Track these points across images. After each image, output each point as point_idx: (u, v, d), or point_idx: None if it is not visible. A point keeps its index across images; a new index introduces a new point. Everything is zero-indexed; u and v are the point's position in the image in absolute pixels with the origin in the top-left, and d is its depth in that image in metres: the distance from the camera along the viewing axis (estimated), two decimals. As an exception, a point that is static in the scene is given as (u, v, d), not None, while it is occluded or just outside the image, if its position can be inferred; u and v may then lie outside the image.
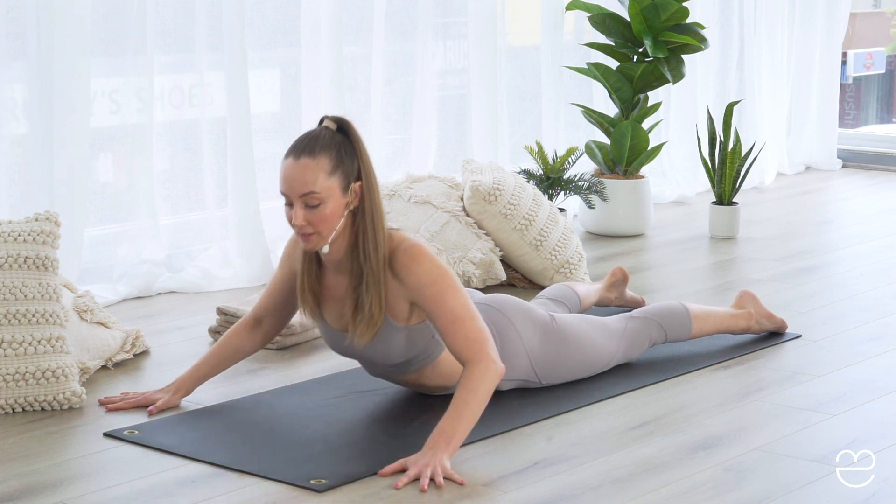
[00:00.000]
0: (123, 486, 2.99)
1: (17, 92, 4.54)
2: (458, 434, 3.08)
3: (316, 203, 3.16)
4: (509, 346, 3.52)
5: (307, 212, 3.17)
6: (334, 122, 3.22)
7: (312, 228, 3.18)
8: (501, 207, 4.80)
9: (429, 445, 3.07)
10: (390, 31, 5.56)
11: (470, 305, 3.23)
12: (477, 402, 3.13)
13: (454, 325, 3.19)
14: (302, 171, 3.15)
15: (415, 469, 3.01)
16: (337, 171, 3.16)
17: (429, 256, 3.23)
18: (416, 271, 3.20)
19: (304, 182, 3.15)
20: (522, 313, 3.58)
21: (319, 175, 3.14)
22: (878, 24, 9.27)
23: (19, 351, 3.47)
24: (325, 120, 3.23)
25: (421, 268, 3.21)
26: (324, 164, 3.15)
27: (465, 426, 3.10)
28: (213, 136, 5.00)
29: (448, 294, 3.20)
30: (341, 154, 3.18)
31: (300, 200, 3.17)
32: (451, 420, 3.09)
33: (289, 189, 3.18)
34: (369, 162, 3.22)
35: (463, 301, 3.21)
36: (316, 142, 3.17)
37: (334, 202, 3.17)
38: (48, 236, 3.60)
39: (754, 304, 4.11)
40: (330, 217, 3.17)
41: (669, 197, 6.62)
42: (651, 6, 5.70)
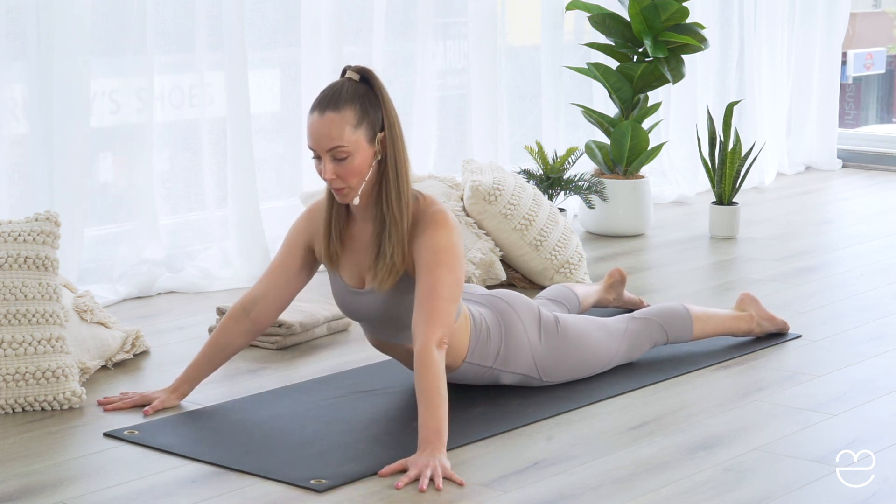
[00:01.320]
0: (123, 486, 2.99)
1: (17, 92, 4.54)
2: (443, 424, 3.09)
3: (344, 156, 3.19)
4: (514, 338, 3.52)
5: (336, 165, 3.20)
6: (357, 73, 3.26)
7: (343, 182, 3.21)
8: (501, 207, 4.80)
9: (423, 446, 3.07)
10: (390, 31, 5.56)
11: (455, 291, 3.23)
12: (440, 386, 3.12)
13: (428, 296, 3.19)
14: (328, 125, 3.18)
15: (415, 469, 3.01)
16: (363, 122, 3.20)
17: (449, 228, 3.25)
18: (429, 233, 3.23)
19: (331, 137, 3.18)
20: (528, 310, 3.59)
21: (345, 128, 3.18)
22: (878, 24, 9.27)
23: (19, 351, 3.47)
24: (347, 71, 3.26)
25: (436, 233, 3.23)
26: (349, 117, 3.18)
27: (442, 413, 3.10)
28: (213, 136, 5.00)
29: (442, 268, 3.21)
30: (365, 105, 3.21)
31: (328, 154, 3.20)
32: (429, 413, 3.09)
33: (316, 144, 3.21)
34: (393, 111, 3.26)
35: (452, 282, 3.22)
36: (340, 95, 3.20)
37: (362, 154, 3.20)
38: (48, 236, 3.60)
39: (755, 307, 4.11)
40: (359, 168, 3.21)
41: (669, 197, 6.62)
42: (651, 6, 5.70)
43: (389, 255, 3.25)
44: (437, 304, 3.19)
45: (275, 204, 5.23)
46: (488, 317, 3.51)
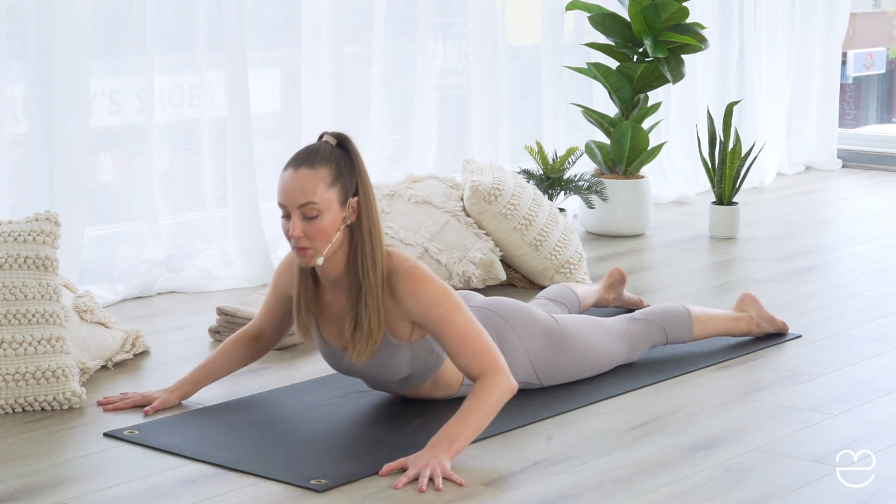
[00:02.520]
0: (123, 486, 2.99)
1: (17, 92, 4.54)
2: (462, 439, 3.08)
3: (314, 214, 3.14)
4: (509, 349, 3.52)
5: (305, 223, 3.15)
6: (334, 137, 3.22)
7: (309, 242, 3.16)
8: (501, 207, 4.80)
9: (430, 445, 3.07)
10: (390, 31, 5.56)
11: (475, 322, 3.22)
12: (485, 411, 3.12)
13: (462, 344, 3.19)
14: (301, 181, 3.14)
15: (414, 469, 3.01)
16: (336, 183, 3.15)
17: (429, 277, 3.22)
18: (419, 294, 3.19)
19: (304, 192, 3.14)
20: (523, 316, 3.58)
21: (319, 185, 3.14)
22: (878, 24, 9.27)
23: (19, 351, 3.47)
24: (324, 135, 3.23)
25: (424, 290, 3.19)
26: (323, 176, 3.14)
27: (469, 432, 3.10)
28: (213, 136, 5.00)
29: (453, 314, 3.19)
30: (341, 167, 3.17)
31: (298, 211, 3.15)
32: (457, 424, 3.10)
33: (287, 199, 3.17)
34: (368, 179, 3.21)
35: (468, 318, 3.21)
36: (316, 154, 3.17)
37: (332, 215, 3.16)
38: (48, 236, 3.60)
39: (755, 307, 4.11)
40: (327, 230, 3.16)
41: (669, 197, 6.62)
42: (651, 6, 5.70)
43: (367, 324, 3.20)
44: (475, 343, 3.19)
45: (275, 204, 5.22)
46: None
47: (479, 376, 3.17)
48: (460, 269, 4.69)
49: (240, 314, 4.11)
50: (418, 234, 4.72)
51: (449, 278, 4.69)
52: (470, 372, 3.19)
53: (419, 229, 4.74)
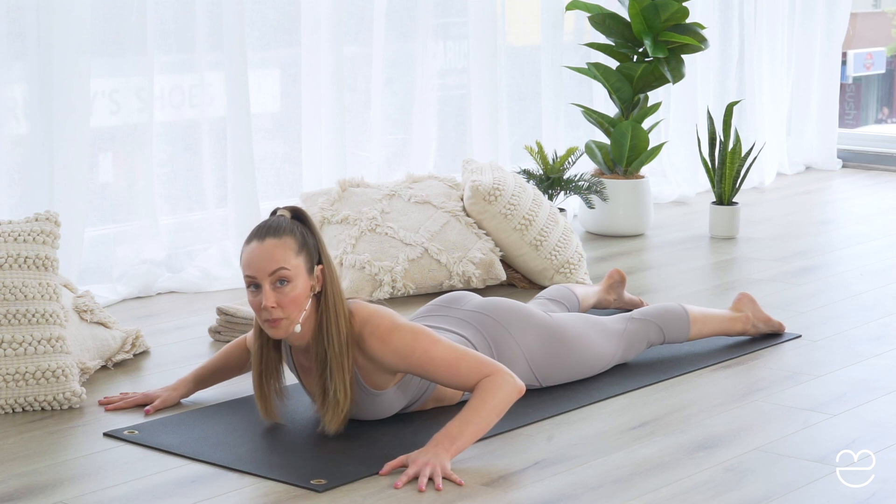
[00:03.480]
0: (123, 486, 2.99)
1: (17, 92, 4.54)
2: (464, 437, 3.08)
3: (286, 279, 3.11)
4: (506, 352, 3.52)
5: (277, 293, 3.11)
6: (288, 211, 3.19)
7: (282, 312, 3.13)
8: (501, 207, 4.80)
9: (431, 444, 3.07)
10: (390, 31, 5.56)
11: (454, 346, 3.20)
12: (488, 410, 3.11)
13: (453, 371, 3.18)
14: (270, 249, 3.10)
15: (414, 468, 3.01)
16: (302, 251, 3.13)
17: (396, 329, 3.18)
18: (391, 350, 3.17)
19: (274, 259, 3.10)
20: (519, 317, 3.58)
21: (288, 252, 3.11)
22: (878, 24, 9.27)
23: (19, 351, 3.47)
24: (278, 210, 3.20)
25: (394, 343, 3.17)
26: (290, 244, 3.12)
27: (472, 431, 3.09)
28: (213, 136, 5.00)
29: (431, 351, 3.17)
30: (304, 237, 3.15)
31: (269, 280, 3.11)
32: (459, 423, 3.09)
33: (257, 270, 3.11)
34: (326, 248, 3.20)
35: (446, 346, 3.19)
36: (278, 226, 3.14)
37: (303, 282, 3.13)
38: (48, 236, 3.60)
39: (752, 308, 4.11)
40: (300, 297, 3.13)
41: (669, 197, 6.62)
42: (651, 6, 5.70)
43: (332, 393, 3.17)
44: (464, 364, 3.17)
45: (275, 204, 5.23)
46: (475, 339, 3.49)
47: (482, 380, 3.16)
48: (460, 269, 4.70)
49: (240, 314, 4.11)
50: (418, 234, 4.72)
51: (449, 278, 4.69)
52: (470, 386, 3.18)
53: (419, 229, 4.74)
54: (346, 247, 4.67)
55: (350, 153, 5.41)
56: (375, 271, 4.60)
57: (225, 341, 4.13)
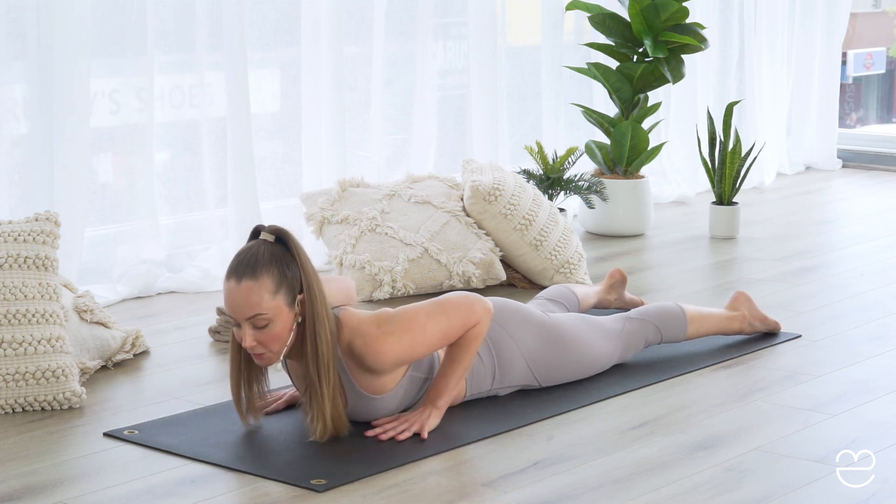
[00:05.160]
0: (123, 486, 2.99)
1: (17, 92, 4.54)
2: (449, 390, 3.31)
3: (264, 324, 3.11)
4: (505, 354, 3.52)
5: (256, 332, 3.12)
6: (272, 234, 3.17)
7: (263, 349, 3.14)
8: (501, 207, 4.79)
9: (422, 403, 3.31)
10: (390, 31, 5.56)
11: (438, 315, 3.26)
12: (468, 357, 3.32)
13: (446, 339, 3.29)
14: (245, 294, 3.09)
15: (393, 423, 3.23)
16: (281, 288, 3.11)
17: (385, 336, 3.19)
18: (386, 357, 3.19)
19: (250, 305, 3.09)
20: (518, 318, 3.58)
21: (264, 296, 3.09)
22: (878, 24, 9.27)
23: (19, 351, 3.47)
24: (261, 231, 3.18)
25: (387, 351, 3.19)
26: (267, 285, 3.09)
27: (455, 381, 3.32)
28: (213, 136, 5.00)
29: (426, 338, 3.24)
30: (283, 269, 3.12)
31: (247, 322, 3.12)
32: (441, 377, 3.32)
33: (234, 312, 3.12)
34: (311, 270, 3.16)
35: (435, 323, 3.25)
36: (256, 261, 3.11)
37: (283, 319, 3.12)
38: (48, 236, 3.60)
39: (748, 306, 4.11)
40: (280, 334, 3.13)
41: (669, 197, 6.62)
42: (651, 6, 5.70)
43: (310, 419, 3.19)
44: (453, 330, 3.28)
45: (275, 204, 5.23)
46: None
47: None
48: (460, 269, 4.69)
49: (240, 314, 4.10)
50: (418, 234, 4.72)
51: (449, 278, 4.69)
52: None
53: (419, 229, 4.74)
54: (346, 247, 4.67)
55: (350, 153, 5.41)
56: (375, 271, 4.60)
57: (225, 341, 4.12)
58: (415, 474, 3.06)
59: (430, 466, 3.11)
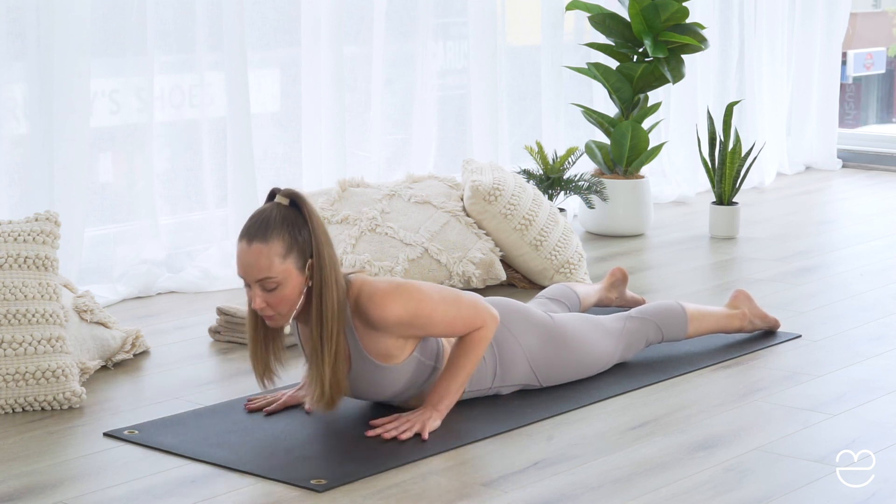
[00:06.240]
0: (123, 486, 2.99)
1: (17, 92, 4.54)
2: (451, 393, 3.30)
3: (273, 286, 3.13)
4: (507, 353, 3.52)
5: (266, 294, 3.15)
6: (286, 197, 3.18)
7: (273, 310, 3.17)
8: (501, 207, 4.80)
9: (423, 404, 3.30)
10: (390, 31, 5.56)
11: (451, 302, 3.28)
12: (472, 362, 3.32)
13: (451, 328, 3.30)
14: (255, 256, 3.12)
15: (394, 423, 3.22)
16: (291, 252, 3.13)
17: (393, 294, 3.20)
18: (391, 318, 3.20)
19: (259, 268, 3.12)
20: (520, 317, 3.58)
21: (274, 260, 3.11)
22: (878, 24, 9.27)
23: (19, 351, 3.47)
24: (276, 195, 3.19)
25: (394, 311, 3.20)
26: (277, 248, 3.12)
27: (458, 385, 3.31)
28: (213, 136, 5.00)
29: (433, 315, 3.25)
30: (294, 233, 3.14)
31: (257, 284, 3.14)
32: (443, 380, 3.31)
33: (244, 274, 3.15)
34: (323, 236, 3.17)
35: (444, 307, 3.26)
36: (268, 224, 3.13)
37: (292, 282, 3.14)
38: (48, 236, 3.60)
39: (748, 304, 4.12)
40: (289, 297, 3.15)
41: (669, 197, 6.62)
42: (651, 6, 5.70)
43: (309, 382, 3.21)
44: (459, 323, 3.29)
45: (275, 204, 5.22)
46: None
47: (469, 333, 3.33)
48: (460, 269, 4.69)
49: (240, 314, 4.11)
50: (418, 234, 4.72)
51: (449, 278, 4.69)
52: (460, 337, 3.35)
53: (419, 229, 4.74)
54: (346, 247, 4.67)
55: (350, 153, 5.41)
56: (375, 271, 4.60)
57: (225, 341, 4.13)
58: (415, 474, 3.06)
59: (430, 466, 3.11)
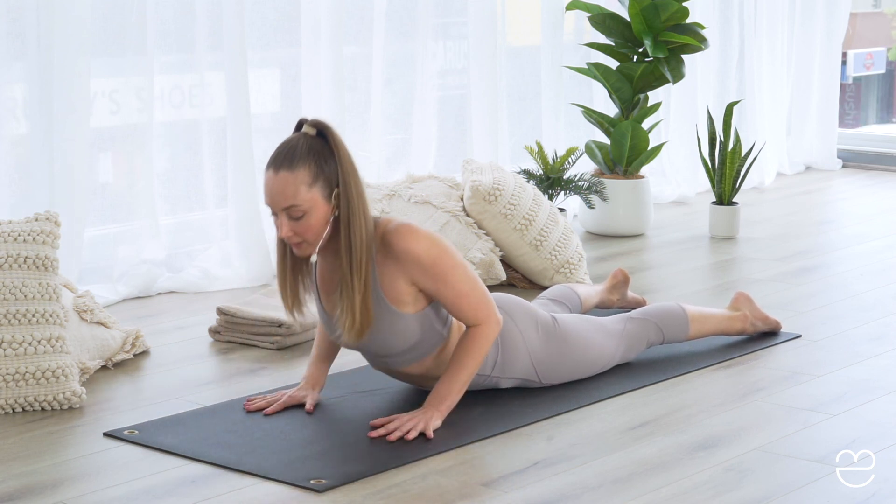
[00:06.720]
0: (123, 486, 2.99)
1: (17, 92, 4.54)
2: (453, 394, 3.31)
3: (300, 215, 3.17)
4: (511, 344, 3.52)
5: (292, 223, 3.18)
6: (313, 127, 3.21)
7: (300, 238, 3.20)
8: (501, 207, 4.80)
9: (424, 406, 3.30)
10: (390, 31, 5.56)
11: (469, 274, 3.31)
12: (474, 363, 3.32)
13: (459, 301, 3.30)
14: (282, 184, 3.15)
15: (396, 423, 3.22)
16: (318, 181, 3.17)
17: (423, 234, 3.26)
18: (413, 252, 3.23)
19: (285, 196, 3.16)
20: (526, 314, 3.58)
21: (300, 188, 3.15)
22: (878, 24, 9.27)
23: (19, 351, 3.47)
24: (304, 125, 3.22)
25: (418, 247, 3.24)
26: (303, 177, 3.15)
27: (459, 386, 3.32)
28: (213, 136, 5.00)
29: (450, 273, 3.27)
30: (320, 163, 3.17)
31: (284, 213, 3.18)
32: (446, 379, 3.31)
33: (271, 202, 3.19)
34: (350, 166, 3.20)
35: (463, 273, 3.29)
36: (294, 153, 3.17)
37: (319, 211, 3.18)
38: (48, 236, 3.60)
39: (749, 306, 4.11)
40: (315, 226, 3.19)
41: (669, 197, 6.62)
42: (651, 6, 5.70)
43: (340, 311, 3.23)
44: (470, 298, 3.30)
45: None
46: None
47: (471, 326, 3.32)
48: (460, 269, 4.69)
49: (240, 314, 4.11)
50: (418, 234, 4.71)
51: (449, 278, 4.69)
52: (463, 321, 3.34)
53: (419, 229, 4.73)
54: (346, 247, 4.66)
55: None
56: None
57: (225, 341, 4.13)
58: (415, 474, 3.06)
59: (429, 466, 3.11)
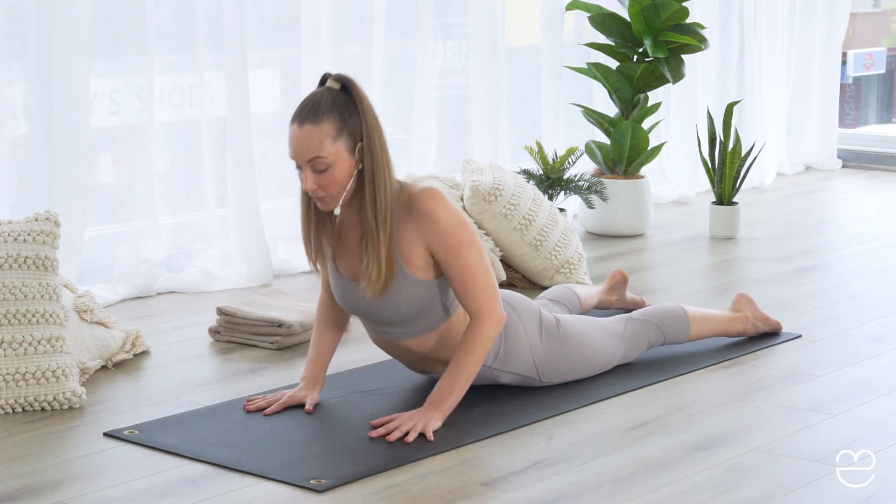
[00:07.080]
0: (123, 486, 2.99)
1: (17, 92, 4.54)
2: (454, 394, 3.31)
3: (324, 167, 3.21)
4: (514, 338, 3.52)
5: (317, 176, 3.22)
6: (337, 82, 3.25)
7: (324, 192, 3.23)
8: (501, 207, 4.80)
9: (424, 405, 3.30)
10: (390, 31, 5.56)
11: (484, 259, 3.31)
12: (475, 362, 3.32)
13: (466, 280, 3.30)
14: (307, 137, 3.20)
15: (396, 423, 3.22)
16: (342, 134, 3.20)
17: (448, 202, 3.28)
18: (435, 215, 3.26)
19: (310, 148, 3.20)
20: (531, 311, 3.59)
21: (325, 141, 3.19)
22: (878, 23, 9.27)
23: (19, 351, 3.47)
24: (328, 79, 3.26)
25: (442, 212, 3.27)
26: (328, 130, 3.19)
27: (461, 386, 3.32)
28: (213, 136, 5.00)
29: (464, 248, 3.28)
30: (345, 116, 3.21)
31: (308, 165, 3.22)
32: (448, 379, 3.31)
33: (296, 155, 3.23)
34: (373, 120, 3.24)
35: (478, 255, 3.30)
36: (319, 106, 3.21)
37: (342, 164, 3.21)
38: (48, 236, 3.60)
39: (750, 308, 4.11)
40: (339, 179, 3.22)
41: (669, 197, 6.62)
42: (651, 6, 5.70)
43: (366, 265, 3.25)
44: (478, 282, 3.30)
45: (275, 204, 5.23)
46: None
47: (473, 317, 3.32)
48: (460, 269, 4.69)
49: (240, 314, 4.11)
50: (418, 234, 4.72)
51: (449, 278, 4.69)
52: (466, 307, 3.34)
53: (419, 229, 4.73)
54: (346, 247, 4.67)
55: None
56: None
57: (225, 341, 4.13)
58: (415, 474, 3.06)
59: (429, 466, 3.11)
